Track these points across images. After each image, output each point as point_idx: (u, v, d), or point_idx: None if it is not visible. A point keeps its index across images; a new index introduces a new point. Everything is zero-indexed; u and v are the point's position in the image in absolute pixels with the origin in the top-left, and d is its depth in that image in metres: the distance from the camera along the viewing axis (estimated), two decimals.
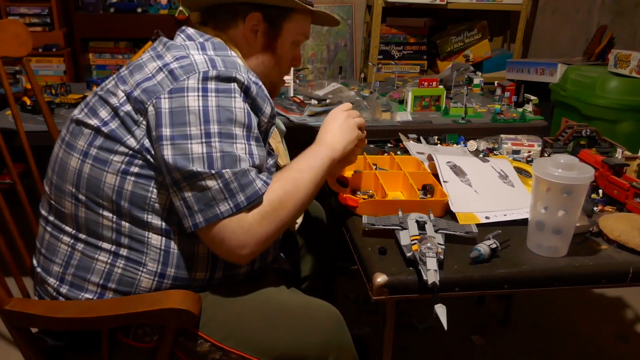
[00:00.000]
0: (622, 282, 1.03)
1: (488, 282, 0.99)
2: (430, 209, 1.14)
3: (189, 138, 0.94)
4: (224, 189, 0.94)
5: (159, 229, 1.01)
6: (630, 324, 2.08)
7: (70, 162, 1.02)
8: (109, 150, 0.99)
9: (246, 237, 0.96)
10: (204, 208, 0.94)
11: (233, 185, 0.95)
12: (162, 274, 1.01)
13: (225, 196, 0.94)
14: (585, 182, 0.99)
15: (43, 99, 1.37)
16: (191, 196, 0.95)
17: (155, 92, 0.96)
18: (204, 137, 0.94)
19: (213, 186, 0.94)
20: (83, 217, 1.02)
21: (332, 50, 3.13)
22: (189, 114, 0.94)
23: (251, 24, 1.11)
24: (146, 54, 1.06)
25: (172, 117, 0.94)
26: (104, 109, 1.01)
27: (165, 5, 2.92)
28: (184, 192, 0.95)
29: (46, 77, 2.77)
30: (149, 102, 0.96)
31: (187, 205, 0.95)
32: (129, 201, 0.99)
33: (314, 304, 1.06)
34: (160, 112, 0.95)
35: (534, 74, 2.79)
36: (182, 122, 0.94)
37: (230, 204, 0.94)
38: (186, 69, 0.97)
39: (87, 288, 1.02)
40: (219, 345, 0.99)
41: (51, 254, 1.05)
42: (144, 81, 0.98)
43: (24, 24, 1.32)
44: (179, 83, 0.96)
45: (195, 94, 0.95)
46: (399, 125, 1.86)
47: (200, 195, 0.94)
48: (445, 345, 1.90)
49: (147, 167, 0.98)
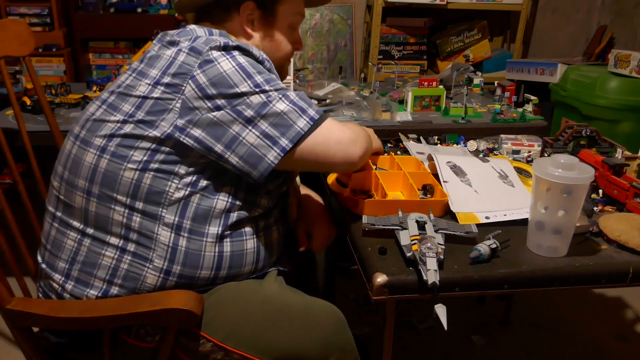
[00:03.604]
0: (622, 282, 1.03)
1: (488, 282, 0.99)
2: (430, 209, 1.14)
3: (244, 95, 0.98)
4: (295, 107, 1.00)
5: (171, 224, 1.01)
6: (630, 324, 2.09)
7: (85, 157, 1.02)
8: (129, 147, 0.99)
9: (348, 132, 1.05)
10: (285, 131, 0.99)
11: (301, 103, 1.01)
12: (167, 270, 1.02)
13: (298, 113, 1.00)
14: (585, 182, 0.99)
15: (45, 99, 1.37)
16: (268, 126, 0.99)
17: (187, 72, 0.98)
18: (254, 87, 0.99)
19: (284, 108, 0.99)
20: (93, 211, 1.02)
21: (332, 50, 3.13)
22: (229, 77, 0.98)
23: (246, 13, 1.13)
24: (154, 47, 1.08)
25: (216, 87, 0.97)
26: (126, 103, 1.01)
27: (165, 5, 2.92)
28: (260, 125, 0.98)
29: (46, 77, 2.77)
30: (184, 84, 0.98)
31: (267, 136, 0.99)
32: (145, 195, 1.00)
33: (316, 304, 1.06)
34: (203, 87, 0.97)
35: (534, 74, 2.79)
36: (229, 86, 0.98)
37: (305, 118, 1.01)
38: (206, 42, 1.01)
39: (93, 284, 1.02)
40: (220, 345, 1.00)
41: (57, 249, 1.06)
42: (168, 67, 1.00)
43: (25, 24, 1.32)
44: (204, 55, 0.99)
45: (224, 58, 1.00)
46: (399, 125, 1.86)
47: (276, 120, 0.99)
48: (445, 345, 1.90)
49: (168, 160, 0.99)
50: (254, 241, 1.09)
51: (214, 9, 1.14)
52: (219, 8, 1.14)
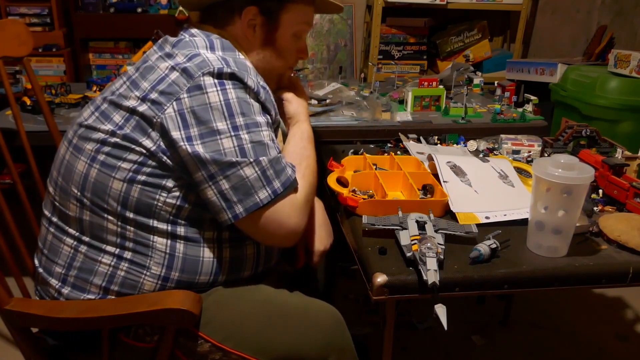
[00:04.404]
0: (622, 282, 1.03)
1: (488, 282, 0.99)
2: (430, 209, 1.14)
3: (218, 134, 0.95)
4: (262, 177, 0.96)
5: (165, 232, 1.01)
6: (630, 324, 2.08)
7: (77, 165, 1.02)
8: (118, 157, 0.98)
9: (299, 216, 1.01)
10: (243, 198, 0.96)
11: (269, 172, 0.97)
12: (165, 277, 1.01)
13: (263, 184, 0.97)
14: (585, 182, 0.99)
15: (44, 99, 1.37)
16: (229, 188, 0.96)
17: (174, 93, 0.96)
18: (231, 130, 0.96)
19: (251, 175, 0.96)
20: (87, 220, 1.01)
21: (332, 50, 3.13)
22: (212, 110, 0.95)
23: (247, 18, 1.10)
24: (153, 54, 1.06)
25: (196, 116, 0.95)
26: (117, 113, 1.00)
27: (165, 5, 2.92)
28: (221, 185, 0.96)
29: (46, 77, 2.76)
30: (168, 104, 0.96)
31: (225, 197, 0.96)
32: (135, 207, 0.99)
33: (314, 305, 1.06)
34: (184, 113, 0.95)
35: (534, 74, 2.79)
36: (207, 119, 0.95)
37: (268, 190, 0.97)
38: (200, 65, 0.97)
39: (90, 290, 1.02)
40: (219, 346, 0.99)
41: (53, 255, 1.05)
42: (158, 83, 0.98)
43: (24, 24, 1.32)
44: (195, 80, 0.96)
45: (214, 89, 0.96)
46: (399, 125, 1.86)
47: (238, 185, 0.96)
48: (445, 345, 1.90)
49: (155, 173, 0.98)
50: (254, 246, 1.09)
51: (218, 11, 1.12)
52: (223, 10, 1.12)
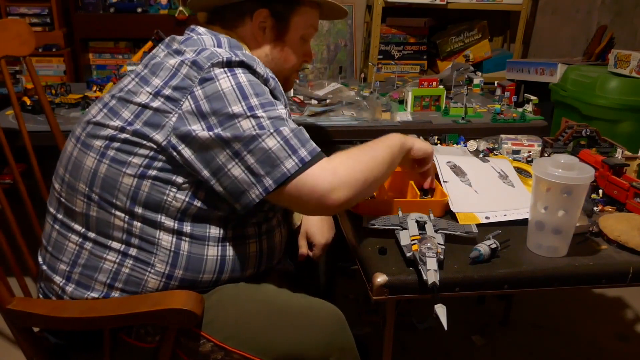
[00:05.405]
0: (622, 282, 1.03)
1: (488, 282, 0.99)
2: (430, 209, 1.14)
3: (235, 117, 0.95)
4: (285, 146, 0.95)
5: (171, 229, 1.01)
6: (630, 324, 2.09)
7: (85, 161, 1.02)
8: (128, 152, 0.98)
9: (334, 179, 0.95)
10: (270, 170, 0.94)
11: (293, 141, 0.95)
12: (169, 275, 1.02)
13: (288, 153, 0.94)
14: (585, 182, 0.99)
15: (45, 98, 1.37)
16: (255, 162, 0.94)
17: (187, 87, 0.96)
18: (247, 111, 0.95)
19: (273, 145, 0.94)
20: (94, 216, 1.02)
21: (332, 50, 3.13)
22: (225, 96, 0.95)
23: (258, 20, 1.11)
24: (161, 52, 1.06)
25: (212, 106, 0.95)
26: (126, 109, 1.00)
27: (165, 5, 2.92)
28: (247, 160, 0.94)
29: (46, 77, 2.77)
30: (183, 99, 0.96)
31: (252, 172, 0.95)
32: (144, 203, 0.99)
33: (316, 305, 1.06)
34: (199, 105, 0.95)
35: (534, 74, 2.79)
36: (223, 106, 0.95)
37: (294, 159, 0.94)
38: (209, 57, 0.98)
39: (94, 287, 1.02)
40: (221, 345, 0.99)
41: (58, 252, 1.05)
42: (170, 78, 0.98)
43: (26, 23, 1.31)
44: (206, 71, 0.96)
45: (225, 75, 0.96)
46: (399, 125, 1.87)
47: (264, 157, 0.94)
48: (445, 345, 1.90)
49: (166, 168, 0.98)
50: (257, 244, 1.09)
51: (227, 12, 1.13)
52: (233, 12, 1.12)
